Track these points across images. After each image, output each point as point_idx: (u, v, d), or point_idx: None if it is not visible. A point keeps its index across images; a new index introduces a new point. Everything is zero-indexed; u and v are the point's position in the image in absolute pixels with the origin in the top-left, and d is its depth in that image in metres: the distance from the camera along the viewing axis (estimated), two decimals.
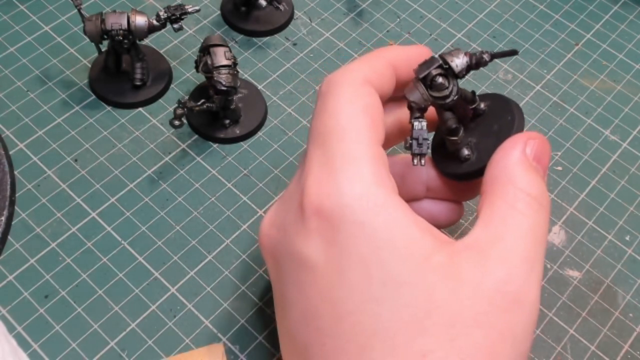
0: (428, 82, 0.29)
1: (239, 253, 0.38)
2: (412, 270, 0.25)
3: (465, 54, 0.29)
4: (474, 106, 0.31)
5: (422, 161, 0.29)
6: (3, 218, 0.37)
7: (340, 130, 0.28)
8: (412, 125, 0.29)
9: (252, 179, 0.41)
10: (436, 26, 0.50)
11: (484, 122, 0.31)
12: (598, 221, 0.41)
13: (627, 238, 0.40)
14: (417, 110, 0.29)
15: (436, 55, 0.29)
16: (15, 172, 0.40)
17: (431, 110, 0.31)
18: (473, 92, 0.30)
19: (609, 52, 0.49)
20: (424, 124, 0.29)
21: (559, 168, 0.43)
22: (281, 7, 0.46)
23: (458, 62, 0.29)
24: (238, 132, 0.42)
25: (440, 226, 0.34)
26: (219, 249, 0.38)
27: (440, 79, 0.29)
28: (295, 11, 0.49)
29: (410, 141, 0.29)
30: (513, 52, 0.29)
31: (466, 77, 0.30)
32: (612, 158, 0.43)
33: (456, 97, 0.29)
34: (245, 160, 0.42)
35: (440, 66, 0.29)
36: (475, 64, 0.29)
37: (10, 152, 0.40)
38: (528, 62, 0.48)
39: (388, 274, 0.25)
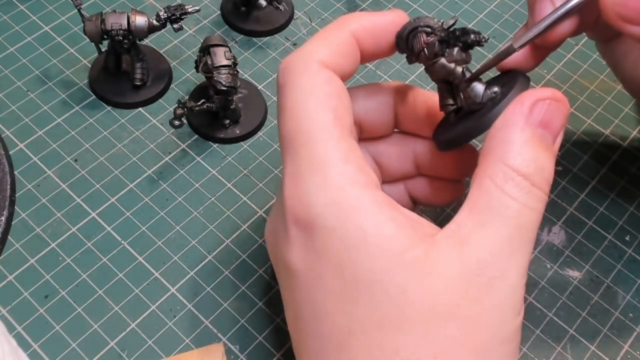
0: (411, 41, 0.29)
1: (239, 253, 0.38)
2: (384, 268, 0.25)
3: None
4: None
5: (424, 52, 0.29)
6: (3, 218, 0.37)
7: (303, 134, 0.27)
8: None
9: (252, 179, 0.41)
10: None
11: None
12: (598, 221, 0.41)
13: (627, 238, 0.40)
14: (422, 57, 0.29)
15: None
16: (15, 172, 0.40)
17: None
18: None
19: None
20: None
21: (559, 168, 0.43)
22: (281, 7, 0.46)
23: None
24: (238, 132, 0.42)
25: (436, 205, 0.34)
26: (219, 249, 0.38)
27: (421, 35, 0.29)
28: (295, 11, 0.49)
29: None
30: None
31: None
32: (612, 158, 0.43)
33: (438, 38, 0.29)
34: (245, 160, 0.42)
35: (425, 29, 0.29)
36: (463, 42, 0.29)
37: (10, 152, 0.40)
38: None
39: (361, 274, 0.25)
